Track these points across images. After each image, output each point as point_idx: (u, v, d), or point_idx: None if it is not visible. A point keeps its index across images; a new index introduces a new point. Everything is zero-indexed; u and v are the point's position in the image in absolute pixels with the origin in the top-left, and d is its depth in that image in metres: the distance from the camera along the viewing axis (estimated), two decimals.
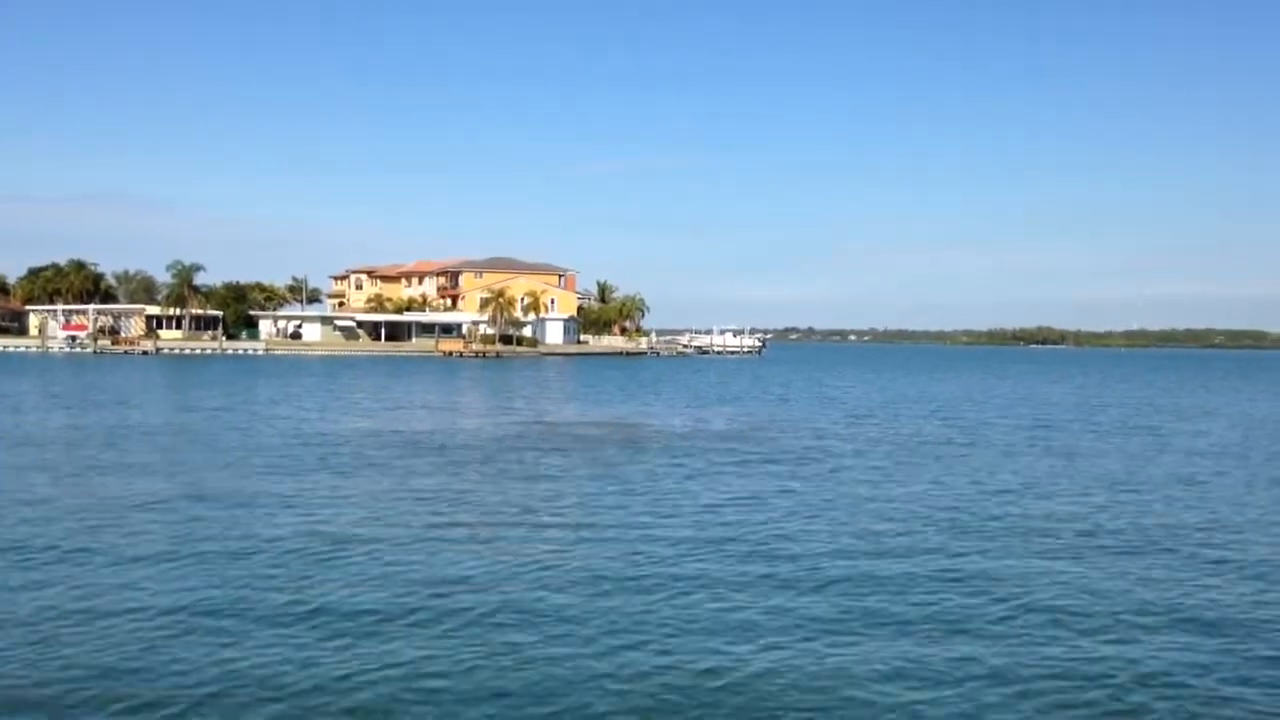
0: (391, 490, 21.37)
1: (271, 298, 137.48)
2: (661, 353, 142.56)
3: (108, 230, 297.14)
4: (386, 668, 10.30)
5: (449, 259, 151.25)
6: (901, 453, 29.46)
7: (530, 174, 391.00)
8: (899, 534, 17.27)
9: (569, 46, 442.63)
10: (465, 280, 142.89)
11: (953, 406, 50.52)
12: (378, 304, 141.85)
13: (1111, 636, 11.66)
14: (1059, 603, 13.02)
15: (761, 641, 11.28)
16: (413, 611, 12.22)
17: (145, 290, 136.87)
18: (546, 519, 18.44)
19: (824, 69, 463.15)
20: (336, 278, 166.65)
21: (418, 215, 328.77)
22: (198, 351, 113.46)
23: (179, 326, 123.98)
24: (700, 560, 15.10)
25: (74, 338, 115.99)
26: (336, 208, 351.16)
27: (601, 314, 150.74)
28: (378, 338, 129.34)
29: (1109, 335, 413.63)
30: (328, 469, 24.37)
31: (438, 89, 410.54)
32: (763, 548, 16.05)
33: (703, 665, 10.51)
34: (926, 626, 11.89)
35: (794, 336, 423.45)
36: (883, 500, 20.82)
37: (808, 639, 11.40)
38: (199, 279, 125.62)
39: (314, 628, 11.53)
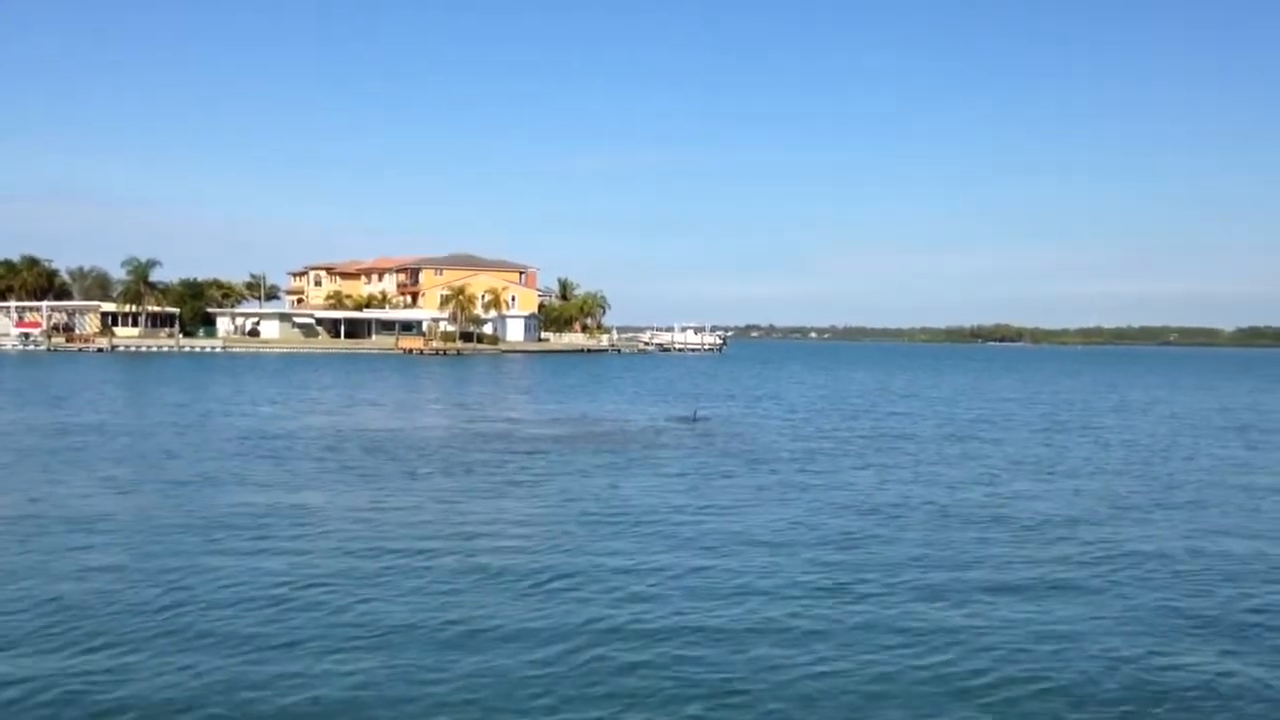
0: (341, 490, 21.51)
1: (229, 295, 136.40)
2: (623, 350, 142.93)
3: (62, 227, 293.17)
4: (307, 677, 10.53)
5: (409, 256, 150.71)
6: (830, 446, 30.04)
7: (492, 171, 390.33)
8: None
9: (529, 44, 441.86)
10: (425, 277, 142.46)
11: (873, 404, 51.25)
12: (337, 301, 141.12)
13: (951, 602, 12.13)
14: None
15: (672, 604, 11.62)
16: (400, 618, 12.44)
17: (100, 287, 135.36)
18: (496, 522, 18.66)
19: (786, 69, 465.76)
20: (295, 274, 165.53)
21: (378, 213, 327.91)
22: (154, 349, 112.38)
23: (135, 324, 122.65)
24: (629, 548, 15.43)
25: (27, 335, 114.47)
26: (295, 205, 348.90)
27: (563, 311, 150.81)
28: (337, 335, 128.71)
29: (1065, 333, 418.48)
30: (278, 468, 24.45)
31: (397, 87, 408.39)
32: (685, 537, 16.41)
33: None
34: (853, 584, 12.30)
35: (755, 334, 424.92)
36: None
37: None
38: (155, 275, 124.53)
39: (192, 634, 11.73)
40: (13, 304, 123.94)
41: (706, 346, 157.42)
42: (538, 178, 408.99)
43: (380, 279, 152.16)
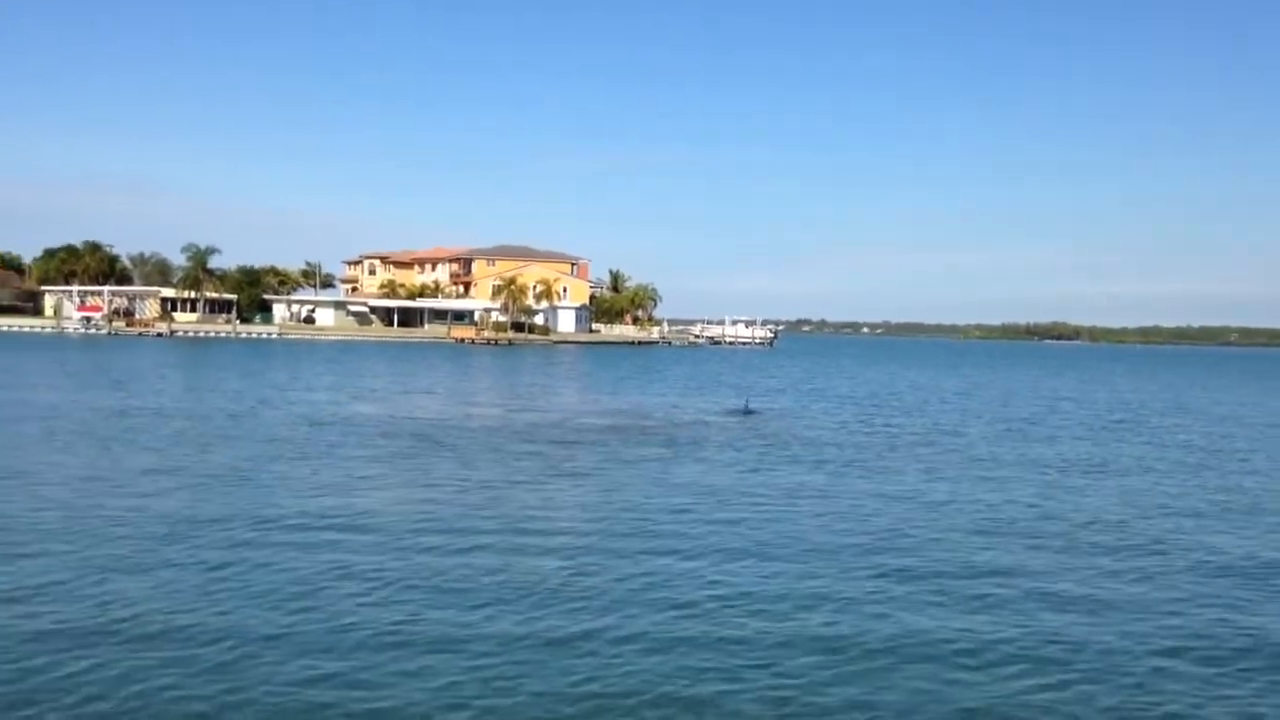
0: (391, 479, 21.66)
1: (285, 282, 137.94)
2: (673, 342, 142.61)
3: (124, 212, 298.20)
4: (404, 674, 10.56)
5: (462, 246, 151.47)
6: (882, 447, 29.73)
7: (544, 163, 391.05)
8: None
9: (587, 41, 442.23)
10: (478, 267, 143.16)
11: (926, 401, 50.71)
12: (391, 290, 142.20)
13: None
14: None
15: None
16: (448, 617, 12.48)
17: (160, 273, 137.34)
18: (551, 514, 18.69)
19: (837, 64, 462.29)
20: (350, 263, 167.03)
21: (432, 203, 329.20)
22: (212, 334, 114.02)
23: (193, 309, 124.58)
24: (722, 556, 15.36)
25: (89, 319, 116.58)
26: (351, 194, 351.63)
27: (614, 303, 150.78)
28: (390, 323, 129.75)
29: (1124, 331, 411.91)
30: (334, 455, 24.68)
31: (456, 80, 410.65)
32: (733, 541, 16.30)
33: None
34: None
35: (806, 329, 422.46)
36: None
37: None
38: (214, 262, 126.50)
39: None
40: (75, 288, 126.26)
41: (757, 340, 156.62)
42: (591, 170, 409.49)
43: (433, 268, 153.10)
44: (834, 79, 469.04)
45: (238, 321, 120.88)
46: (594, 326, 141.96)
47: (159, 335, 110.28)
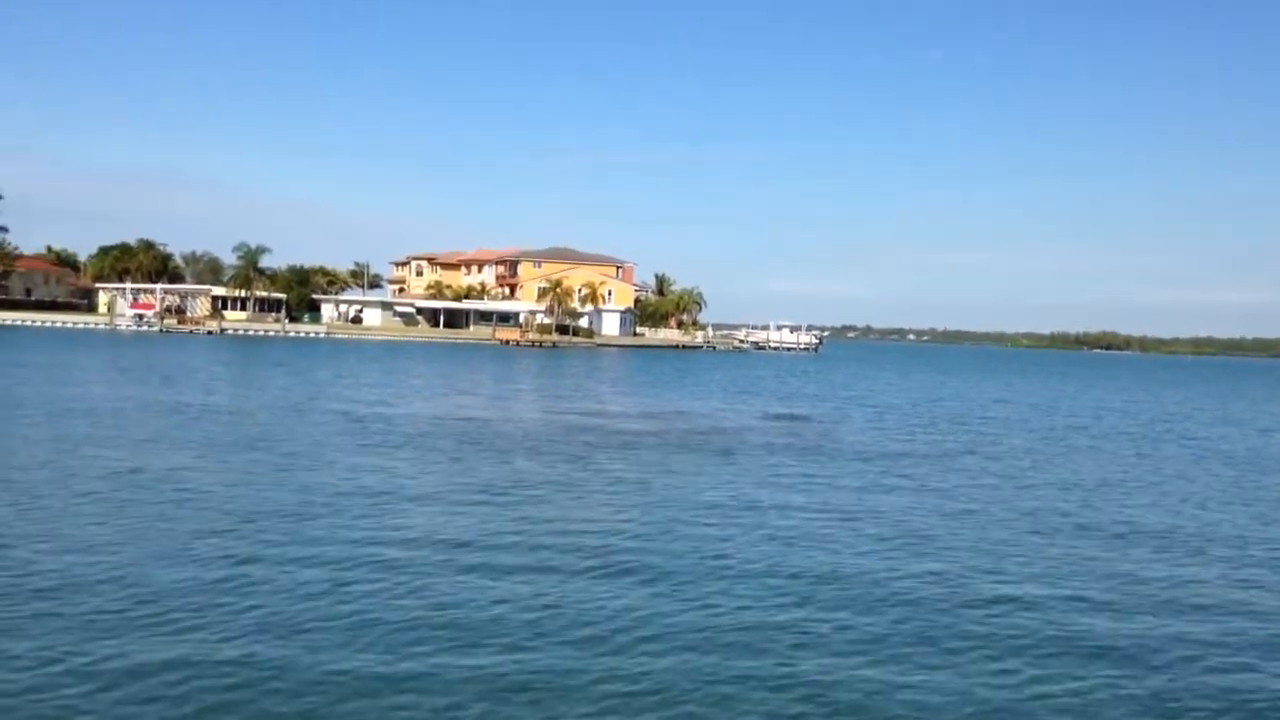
0: (434, 478, 21.85)
1: (334, 282, 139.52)
2: (718, 347, 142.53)
3: (177, 211, 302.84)
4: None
5: (508, 248, 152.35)
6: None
7: (591, 166, 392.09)
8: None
9: (630, 41, 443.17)
10: (524, 269, 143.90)
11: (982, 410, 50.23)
12: (437, 291, 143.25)
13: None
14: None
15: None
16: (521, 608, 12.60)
17: (212, 271, 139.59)
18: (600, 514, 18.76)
19: (882, 65, 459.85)
20: (398, 264, 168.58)
21: (479, 205, 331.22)
22: (261, 333, 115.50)
23: (244, 308, 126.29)
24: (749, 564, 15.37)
25: (141, 316, 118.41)
26: (400, 195, 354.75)
27: (659, 306, 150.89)
28: (436, 324, 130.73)
29: (1175, 342, 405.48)
30: (375, 454, 24.94)
31: (502, 80, 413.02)
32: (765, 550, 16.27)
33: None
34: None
35: (851, 334, 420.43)
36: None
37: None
38: (264, 261, 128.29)
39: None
40: (128, 286, 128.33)
41: (802, 346, 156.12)
42: (636, 172, 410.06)
43: (479, 270, 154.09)
44: (883, 77, 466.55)
45: (286, 320, 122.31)
46: (638, 330, 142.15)
47: (209, 333, 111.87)
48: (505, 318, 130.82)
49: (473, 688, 9.51)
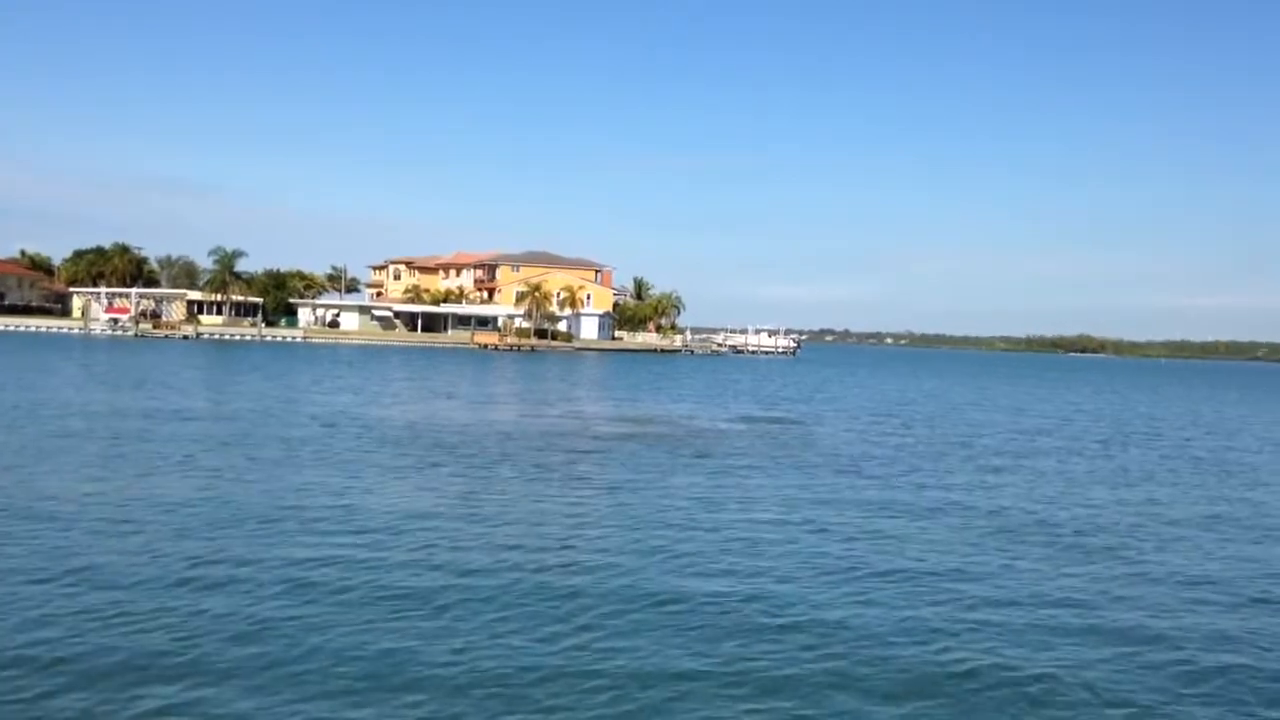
0: (409, 482, 21.91)
1: (311, 286, 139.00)
2: (696, 351, 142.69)
3: (151, 215, 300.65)
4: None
5: (487, 252, 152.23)
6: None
7: (570, 169, 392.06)
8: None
9: (606, 41, 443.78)
10: (502, 273, 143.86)
11: (956, 411, 50.63)
12: (415, 295, 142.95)
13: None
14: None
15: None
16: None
17: (187, 275, 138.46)
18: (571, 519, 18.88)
19: (859, 71, 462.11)
20: (375, 268, 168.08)
21: (457, 208, 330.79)
22: (237, 338, 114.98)
23: (220, 312, 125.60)
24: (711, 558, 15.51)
25: (116, 320, 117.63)
26: (377, 198, 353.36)
27: (637, 311, 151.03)
28: (414, 328, 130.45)
29: (1149, 345, 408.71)
30: (344, 458, 24.96)
31: (477, 82, 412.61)
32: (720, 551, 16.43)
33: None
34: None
35: (829, 338, 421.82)
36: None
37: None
38: (240, 266, 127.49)
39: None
40: (103, 290, 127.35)
41: (780, 349, 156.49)
42: (615, 177, 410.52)
43: (458, 274, 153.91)
44: (870, 78, 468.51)
45: (263, 325, 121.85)
46: (617, 334, 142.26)
47: (185, 338, 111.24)
48: (483, 321, 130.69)
49: (432, 689, 9.63)
